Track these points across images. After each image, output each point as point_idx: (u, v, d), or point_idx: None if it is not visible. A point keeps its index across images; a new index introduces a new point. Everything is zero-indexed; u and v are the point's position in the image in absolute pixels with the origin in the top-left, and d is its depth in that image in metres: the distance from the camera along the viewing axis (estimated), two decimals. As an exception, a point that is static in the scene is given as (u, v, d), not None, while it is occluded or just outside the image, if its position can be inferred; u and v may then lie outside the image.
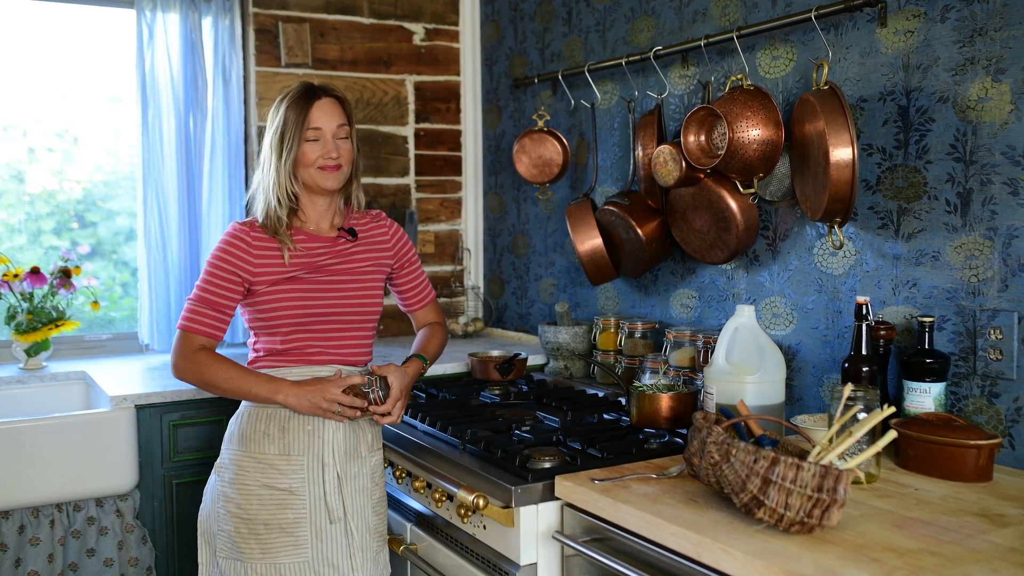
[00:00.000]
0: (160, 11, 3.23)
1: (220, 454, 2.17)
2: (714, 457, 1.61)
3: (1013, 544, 1.45)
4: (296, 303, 2.11)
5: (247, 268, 2.10)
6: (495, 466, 2.02)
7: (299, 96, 2.12)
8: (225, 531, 2.09)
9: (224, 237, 2.13)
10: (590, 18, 3.12)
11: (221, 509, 2.10)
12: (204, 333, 2.09)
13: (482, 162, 3.85)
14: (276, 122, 2.12)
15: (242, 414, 2.15)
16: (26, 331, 3.00)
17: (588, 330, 3.00)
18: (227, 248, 2.11)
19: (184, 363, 2.07)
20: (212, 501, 2.14)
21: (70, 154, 3.41)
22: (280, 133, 2.10)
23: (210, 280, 2.10)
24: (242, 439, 2.11)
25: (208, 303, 2.09)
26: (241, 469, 2.09)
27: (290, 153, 2.10)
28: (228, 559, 2.09)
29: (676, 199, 2.57)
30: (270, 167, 2.13)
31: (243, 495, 2.08)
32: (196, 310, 2.09)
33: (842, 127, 2.06)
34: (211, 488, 2.16)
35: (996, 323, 1.91)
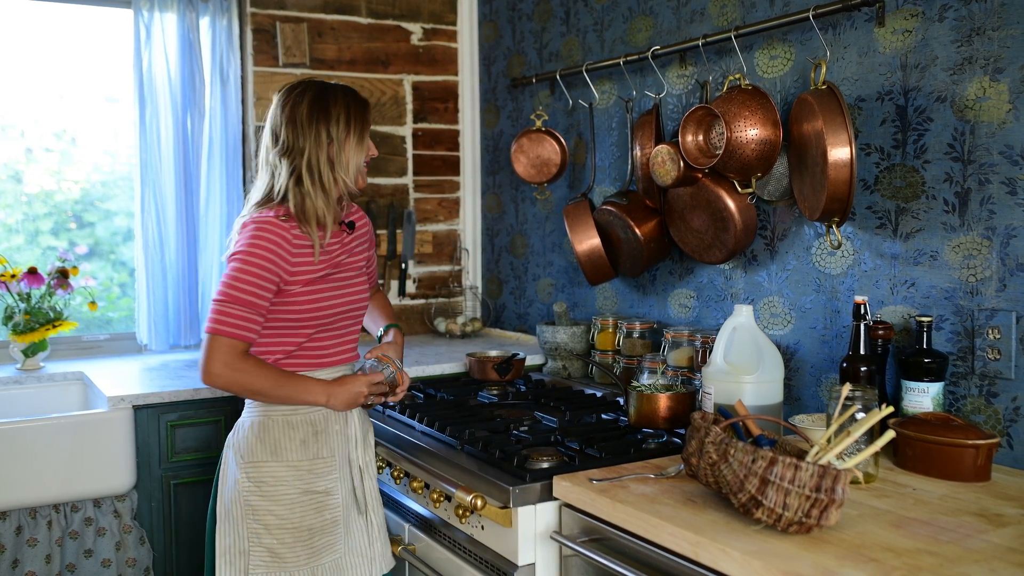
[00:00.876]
0: (157, 11, 3.23)
1: (237, 472, 2.06)
2: (712, 457, 1.61)
3: (1011, 544, 1.45)
4: (326, 302, 2.08)
5: (286, 268, 2.01)
6: (493, 466, 2.02)
7: (356, 93, 2.12)
8: (264, 546, 2.03)
9: (263, 235, 1.99)
10: (588, 18, 3.12)
11: (256, 525, 2.03)
12: (244, 338, 1.97)
13: (480, 162, 3.85)
14: (338, 113, 2.05)
15: (264, 426, 2.07)
16: (23, 331, 2.99)
17: (586, 330, 3.00)
18: (269, 247, 1.99)
19: (226, 371, 1.95)
20: (238, 521, 2.04)
21: (68, 154, 3.41)
22: (347, 123, 2.05)
23: (250, 280, 1.97)
24: (275, 451, 2.06)
25: (248, 305, 1.97)
26: (279, 481, 2.05)
27: (361, 145, 2.09)
28: (267, 571, 2.03)
29: (674, 199, 2.57)
30: (344, 155, 2.05)
31: (285, 506, 2.04)
32: (236, 313, 1.96)
33: (840, 127, 2.06)
34: (234, 507, 2.05)
35: (994, 323, 1.91)
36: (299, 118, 2.04)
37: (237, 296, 1.96)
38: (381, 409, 2.59)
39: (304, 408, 2.09)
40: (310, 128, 2.03)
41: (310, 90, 2.07)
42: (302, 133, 2.03)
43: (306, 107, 2.04)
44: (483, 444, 2.13)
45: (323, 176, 2.03)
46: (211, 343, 1.96)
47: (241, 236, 2.03)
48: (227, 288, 1.97)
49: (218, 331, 1.95)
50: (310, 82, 2.11)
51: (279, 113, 2.07)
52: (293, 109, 2.05)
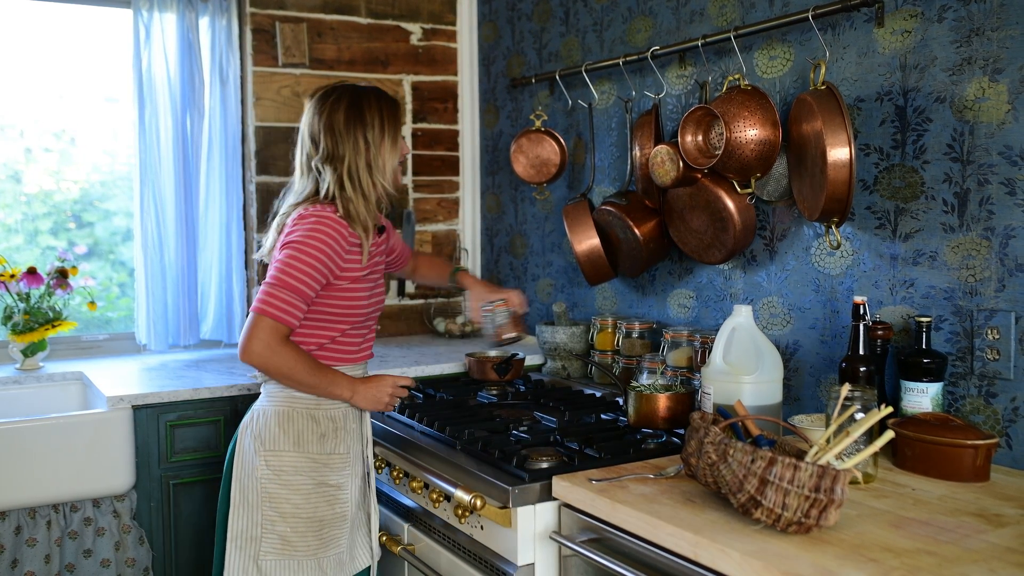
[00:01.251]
0: (157, 11, 3.23)
1: (255, 458, 2.12)
2: (711, 457, 1.61)
3: (1010, 544, 1.45)
4: (363, 300, 2.18)
5: (338, 263, 2.10)
6: (492, 466, 2.02)
7: (387, 95, 2.19)
8: (276, 532, 2.10)
9: (321, 227, 2.07)
10: (587, 18, 3.12)
11: (272, 512, 2.10)
12: (288, 323, 2.05)
13: (479, 162, 3.85)
14: (372, 118, 2.13)
15: (289, 416, 2.14)
16: (23, 331, 2.99)
17: (585, 330, 3.00)
18: (326, 240, 2.07)
19: (266, 351, 2.02)
20: (256, 506, 2.11)
21: (67, 154, 3.41)
22: (382, 127, 2.14)
23: (304, 270, 2.05)
24: (298, 442, 2.13)
25: (297, 292, 2.05)
26: (297, 471, 2.12)
27: (396, 147, 2.17)
28: (278, 558, 2.10)
29: (673, 199, 2.57)
30: (381, 158, 2.14)
31: (302, 495, 2.12)
32: (284, 298, 2.03)
33: (839, 127, 2.06)
34: (251, 492, 2.11)
35: (993, 323, 1.91)
36: (337, 126, 2.12)
37: (287, 282, 2.04)
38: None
39: (327, 403, 2.17)
40: (348, 135, 2.12)
41: (344, 96, 2.14)
42: (341, 140, 2.11)
43: (342, 114, 2.12)
44: (482, 444, 2.13)
45: (362, 181, 2.12)
46: (255, 322, 2.03)
47: (297, 226, 2.09)
48: (279, 273, 2.05)
49: (264, 312, 2.02)
50: (343, 87, 2.18)
51: (316, 120, 2.14)
52: (330, 116, 2.12)
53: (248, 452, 2.14)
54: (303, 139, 2.19)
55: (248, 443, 2.15)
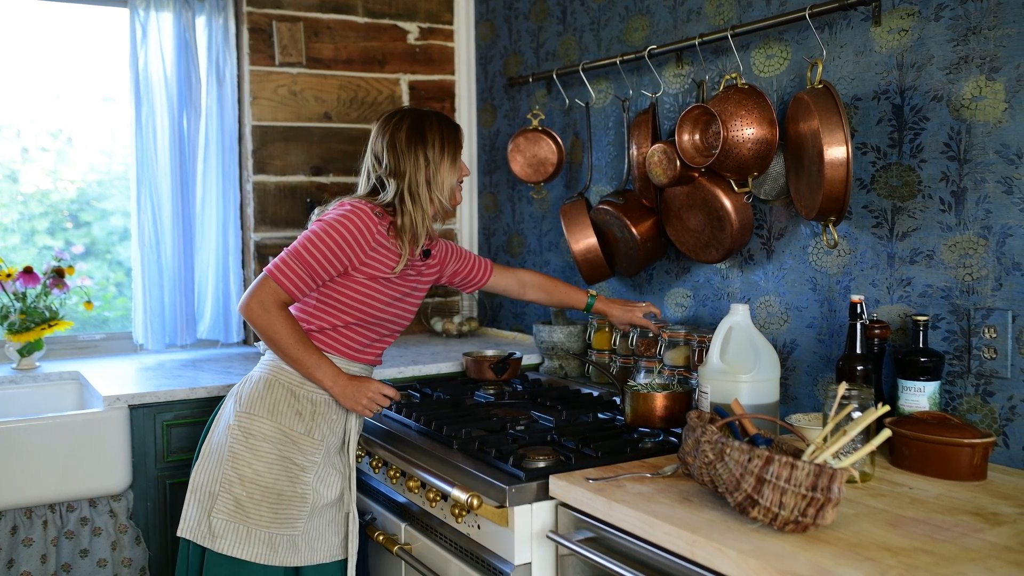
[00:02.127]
0: (154, 10, 3.22)
1: (231, 417, 2.19)
2: (708, 456, 1.61)
3: (1007, 543, 1.45)
4: (377, 303, 2.23)
5: (359, 256, 2.17)
6: (489, 466, 2.02)
7: (447, 120, 2.30)
8: (233, 494, 2.14)
9: (352, 217, 2.15)
10: (584, 17, 3.12)
11: (231, 472, 2.15)
12: (290, 292, 2.13)
13: (477, 161, 3.84)
14: (433, 138, 2.23)
15: (271, 383, 2.20)
16: (19, 331, 2.99)
17: (583, 329, 3.00)
18: (352, 230, 2.14)
19: (261, 311, 2.11)
20: (218, 463, 2.17)
21: (64, 154, 3.40)
22: (442, 145, 2.24)
23: (321, 249, 2.13)
24: (273, 411, 2.18)
25: (309, 268, 2.13)
26: (265, 439, 2.17)
27: (455, 166, 2.27)
28: (228, 520, 2.14)
29: (671, 198, 2.57)
30: (440, 175, 2.23)
31: (264, 463, 2.16)
32: (294, 269, 2.12)
33: (836, 126, 2.06)
34: (218, 449, 2.19)
35: (990, 322, 1.91)
36: (399, 144, 2.22)
37: (302, 255, 2.13)
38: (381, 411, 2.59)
39: (311, 385, 2.21)
40: (409, 153, 2.21)
41: (407, 118, 2.25)
42: (402, 157, 2.21)
43: (404, 133, 2.22)
44: (479, 443, 2.13)
45: (421, 196, 2.21)
46: (261, 281, 2.13)
47: (333, 210, 2.19)
48: (299, 246, 2.14)
49: (271, 274, 2.12)
50: (406, 110, 2.29)
51: (380, 140, 2.24)
52: (393, 135, 2.23)
53: (227, 411, 2.22)
54: (368, 156, 2.29)
55: (230, 403, 2.23)
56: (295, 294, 2.13)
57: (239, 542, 2.13)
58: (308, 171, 3.54)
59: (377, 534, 2.38)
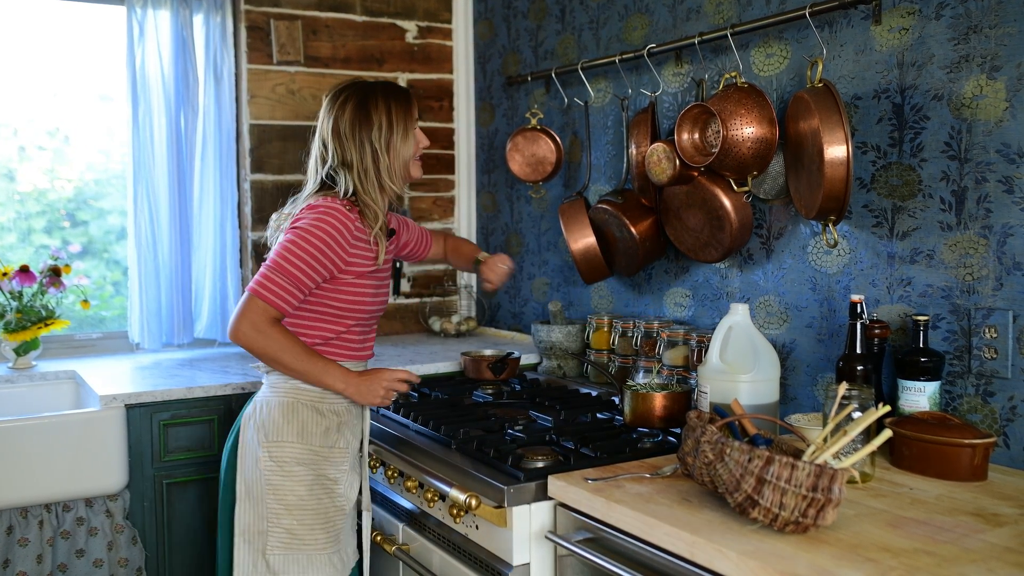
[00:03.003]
0: (151, 8, 3.21)
1: (258, 449, 2.09)
2: (708, 456, 1.60)
3: (1008, 544, 1.44)
4: (370, 298, 2.18)
5: (342, 257, 2.09)
6: (488, 466, 2.01)
7: (397, 89, 2.18)
8: (282, 526, 2.07)
9: (328, 219, 2.06)
10: (583, 16, 3.11)
11: (275, 505, 2.07)
12: (280, 308, 2.04)
13: (475, 160, 3.83)
14: (379, 119, 2.12)
15: (292, 407, 2.12)
16: (15, 330, 2.98)
17: (581, 329, 2.99)
18: (331, 232, 2.06)
19: (254, 333, 2.02)
20: (259, 500, 2.08)
21: (61, 152, 3.39)
22: (390, 123, 2.12)
23: (303, 258, 2.04)
24: (301, 433, 2.11)
25: (294, 279, 2.04)
26: (298, 463, 2.10)
27: (407, 142, 2.15)
28: (286, 552, 2.07)
29: (670, 197, 2.56)
30: (389, 158, 2.13)
31: (305, 486, 2.09)
32: (279, 283, 2.03)
33: (836, 125, 2.05)
34: (254, 486, 2.09)
35: (991, 322, 1.91)
36: (343, 130, 2.12)
37: (284, 266, 2.03)
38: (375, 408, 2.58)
39: (331, 396, 2.15)
40: (354, 139, 2.12)
41: (352, 98, 2.13)
42: (348, 144, 2.12)
43: (347, 118, 2.12)
44: (478, 443, 2.12)
45: (373, 183, 2.13)
46: (247, 302, 2.03)
47: (305, 214, 2.09)
48: (277, 257, 2.05)
49: (257, 293, 2.02)
50: (353, 87, 2.16)
51: (326, 123, 2.15)
52: (336, 121, 2.13)
53: (251, 444, 2.12)
54: (315, 140, 2.20)
55: (251, 435, 2.12)
56: (285, 309, 2.05)
57: (302, 572, 2.08)
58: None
59: (375, 534, 2.37)
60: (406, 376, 2.19)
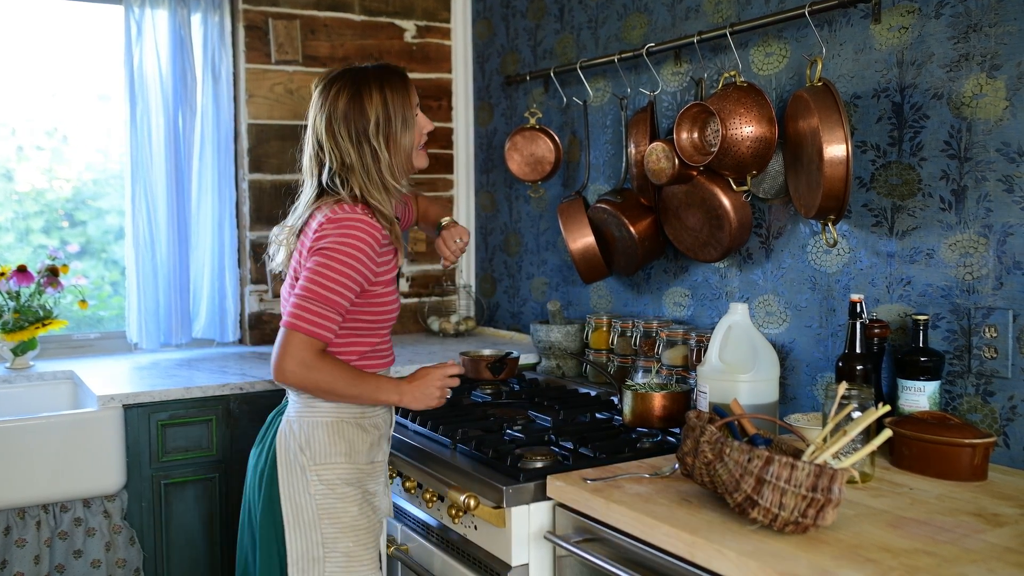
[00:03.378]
0: (149, 7, 3.20)
1: (305, 472, 1.96)
2: (708, 456, 1.60)
3: (1009, 544, 1.44)
4: (394, 303, 2.05)
5: (372, 269, 1.94)
6: (486, 466, 2.01)
7: (392, 71, 2.02)
8: (339, 549, 1.96)
9: (355, 234, 1.90)
10: (582, 15, 3.11)
11: (331, 529, 1.96)
12: (322, 337, 1.88)
13: (474, 160, 3.83)
14: (375, 112, 1.96)
15: (337, 427, 1.99)
16: (12, 330, 2.97)
17: (580, 329, 2.99)
18: (361, 247, 1.90)
19: (301, 369, 1.87)
20: (310, 526, 1.96)
21: (59, 152, 3.38)
22: (388, 115, 1.97)
23: (337, 280, 1.88)
24: (349, 453, 1.99)
25: (332, 304, 1.88)
26: (347, 483, 1.98)
27: (408, 131, 2.00)
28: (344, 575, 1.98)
29: (669, 197, 2.56)
30: (389, 152, 1.98)
31: (356, 505, 1.99)
32: (318, 312, 1.87)
33: (836, 124, 2.05)
34: (304, 511, 1.96)
35: (991, 321, 1.90)
36: (339, 130, 1.96)
37: (320, 293, 1.88)
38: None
39: (371, 410, 2.05)
40: (351, 139, 1.96)
41: (344, 91, 1.97)
42: (346, 147, 1.97)
43: (342, 113, 1.96)
44: (476, 443, 2.11)
45: (375, 186, 1.97)
46: (287, 339, 1.87)
47: (328, 230, 1.92)
48: (310, 283, 1.89)
49: (295, 327, 1.87)
50: (345, 75, 2.00)
51: (319, 121, 1.99)
52: (330, 121, 1.97)
53: (294, 467, 1.97)
54: (308, 136, 2.03)
55: (293, 458, 1.97)
56: (329, 338, 1.90)
57: None
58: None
59: (373, 535, 2.36)
60: (457, 370, 2.08)
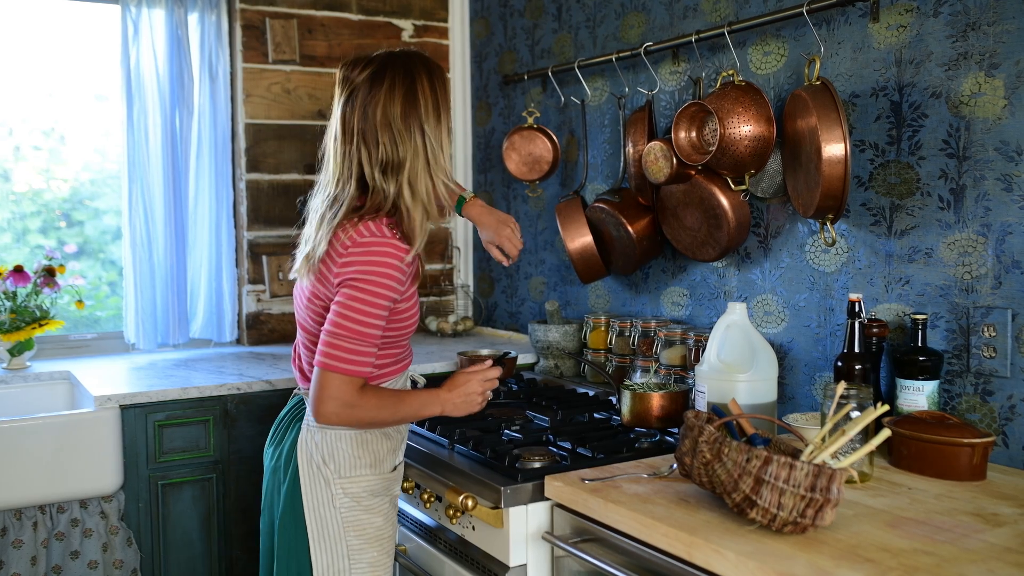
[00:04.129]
0: (145, 7, 3.20)
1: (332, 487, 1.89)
2: (706, 456, 1.59)
3: (1008, 544, 1.43)
4: (417, 307, 1.96)
5: (400, 291, 1.82)
6: (484, 466, 2.00)
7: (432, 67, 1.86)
8: (365, 560, 1.91)
9: (384, 260, 1.77)
10: (580, 14, 3.10)
11: (356, 540, 1.90)
12: (360, 374, 1.79)
13: (471, 160, 3.83)
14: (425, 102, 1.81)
15: (364, 439, 1.91)
16: (9, 330, 2.96)
17: (578, 329, 2.98)
18: (390, 273, 1.78)
19: (343, 410, 1.78)
20: (335, 539, 1.89)
21: (57, 152, 3.38)
22: (436, 111, 1.83)
23: (372, 313, 1.77)
24: (375, 463, 1.93)
25: (369, 339, 1.78)
26: (374, 494, 1.93)
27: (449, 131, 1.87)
28: None
29: (667, 196, 2.55)
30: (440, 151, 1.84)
31: (382, 516, 1.94)
32: (354, 349, 1.77)
33: (834, 123, 2.04)
34: (326, 526, 1.89)
35: (989, 320, 1.90)
36: (395, 122, 1.80)
37: (353, 328, 1.77)
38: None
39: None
40: (408, 133, 1.81)
41: (399, 81, 1.81)
42: (401, 140, 1.80)
43: (399, 105, 1.80)
44: (474, 444, 2.11)
45: (423, 187, 1.83)
46: (325, 381, 1.77)
47: (355, 256, 1.78)
48: (343, 320, 1.77)
49: (332, 368, 1.77)
50: (390, 62, 1.83)
51: (370, 110, 1.80)
52: (386, 107, 1.80)
53: (319, 481, 1.89)
54: (348, 131, 1.83)
55: (318, 471, 1.89)
56: (367, 372, 1.80)
57: None
58: (302, 169, 3.52)
59: (371, 535, 2.36)
60: (496, 372, 1.99)
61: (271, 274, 3.46)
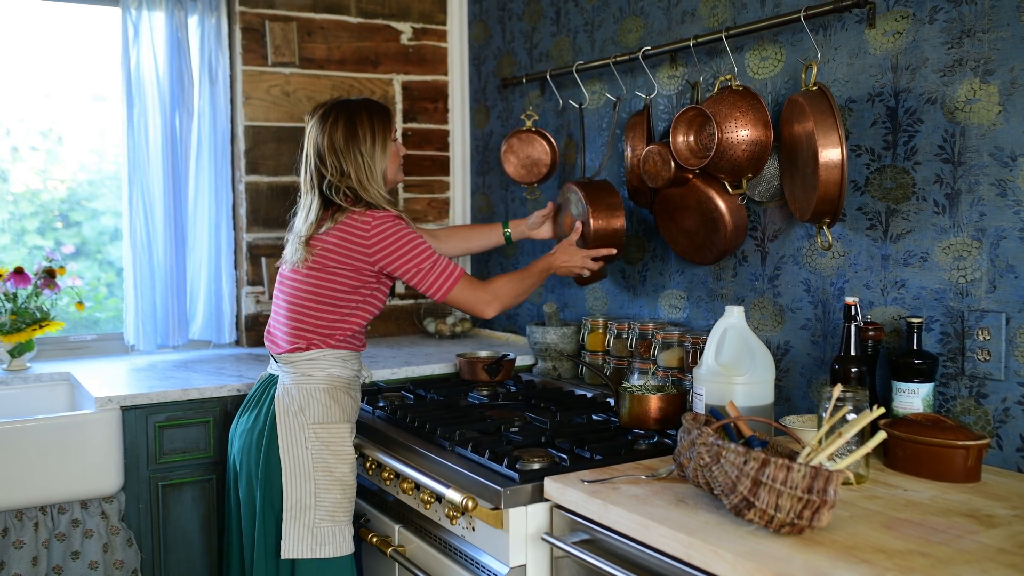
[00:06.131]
0: (146, 9, 3.21)
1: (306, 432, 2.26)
2: (704, 458, 1.61)
3: (1002, 545, 1.45)
4: (385, 299, 2.45)
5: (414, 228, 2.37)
6: (484, 467, 2.02)
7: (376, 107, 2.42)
8: (328, 500, 2.25)
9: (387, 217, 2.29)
10: (578, 18, 3.12)
11: (325, 479, 2.25)
12: (463, 273, 2.36)
13: (470, 162, 3.84)
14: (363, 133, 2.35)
15: (333, 392, 2.32)
16: (9, 332, 2.97)
17: (576, 331, 3.00)
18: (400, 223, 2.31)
19: (489, 297, 2.38)
20: (305, 476, 2.24)
21: (54, 153, 3.38)
22: (372, 139, 2.37)
23: (421, 244, 2.30)
24: (345, 411, 2.33)
25: (436, 257, 2.32)
26: (344, 442, 2.30)
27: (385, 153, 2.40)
28: (332, 524, 2.25)
29: (665, 199, 2.57)
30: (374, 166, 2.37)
31: (347, 464, 2.29)
32: (441, 264, 2.32)
33: (831, 128, 2.06)
34: (298, 465, 2.24)
35: (984, 324, 1.92)
36: (337, 144, 2.35)
37: (427, 259, 2.30)
38: (371, 409, 2.59)
39: (355, 380, 2.41)
40: (348, 152, 2.35)
41: (341, 115, 2.36)
42: (343, 157, 2.34)
43: (340, 133, 2.35)
44: (474, 445, 2.12)
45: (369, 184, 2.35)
46: (457, 298, 2.36)
47: (381, 232, 2.28)
48: (417, 262, 2.30)
49: (449, 288, 2.33)
50: (338, 106, 2.39)
51: (320, 140, 2.36)
52: (331, 136, 2.35)
53: (294, 427, 2.27)
54: (308, 156, 2.39)
55: (292, 418, 2.27)
56: (462, 269, 2.36)
57: (344, 542, 2.25)
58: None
59: (371, 536, 2.37)
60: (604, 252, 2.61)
61: (270, 276, 3.47)
